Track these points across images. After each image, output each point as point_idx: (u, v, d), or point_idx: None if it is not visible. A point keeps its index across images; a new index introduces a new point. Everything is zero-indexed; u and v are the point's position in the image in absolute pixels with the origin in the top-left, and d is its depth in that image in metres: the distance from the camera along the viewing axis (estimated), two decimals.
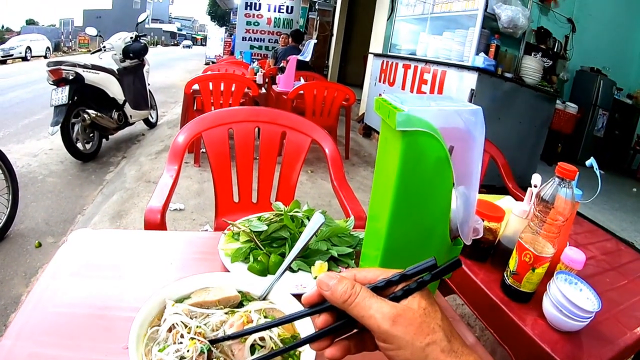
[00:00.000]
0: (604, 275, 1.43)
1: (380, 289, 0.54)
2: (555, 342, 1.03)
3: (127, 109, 5.74)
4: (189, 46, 63.79)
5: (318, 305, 0.56)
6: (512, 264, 1.16)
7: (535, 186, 1.25)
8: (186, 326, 0.67)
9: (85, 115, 4.92)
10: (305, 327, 0.70)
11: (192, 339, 0.64)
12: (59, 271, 0.97)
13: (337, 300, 0.52)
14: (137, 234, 1.23)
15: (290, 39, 7.97)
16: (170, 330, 0.67)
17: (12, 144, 5.82)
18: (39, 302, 0.86)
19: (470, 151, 0.75)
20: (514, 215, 1.27)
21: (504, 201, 1.46)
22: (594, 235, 1.77)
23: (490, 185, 2.76)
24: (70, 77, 4.74)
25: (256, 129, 1.94)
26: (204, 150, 4.89)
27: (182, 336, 0.65)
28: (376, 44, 7.36)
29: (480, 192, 1.92)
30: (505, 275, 1.20)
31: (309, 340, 0.56)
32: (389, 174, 0.71)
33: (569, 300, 1.03)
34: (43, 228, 3.62)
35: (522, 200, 1.32)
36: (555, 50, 5.70)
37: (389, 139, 0.71)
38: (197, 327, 0.67)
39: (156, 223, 1.42)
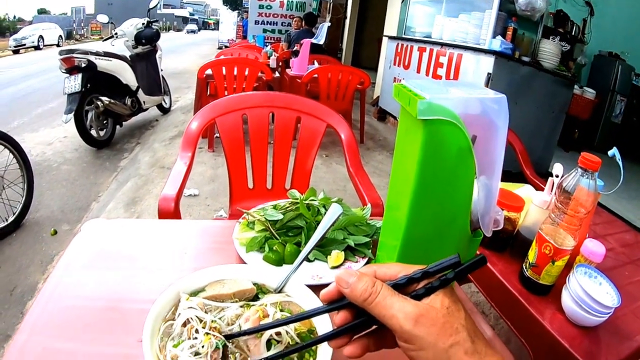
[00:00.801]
0: (623, 269, 1.40)
1: (402, 286, 0.52)
2: (573, 337, 1.02)
3: (141, 95, 5.79)
4: (193, 31, 57.14)
5: (336, 302, 0.55)
6: (532, 255, 1.14)
7: (557, 176, 1.22)
8: (201, 321, 0.66)
9: (99, 103, 4.96)
10: (323, 322, 0.69)
11: (207, 334, 0.63)
12: (72, 263, 0.97)
13: (356, 299, 0.51)
14: (150, 223, 1.23)
15: (303, 22, 7.90)
16: (184, 325, 0.66)
17: (26, 133, 5.89)
18: (52, 296, 0.85)
19: (492, 140, 0.73)
20: (534, 206, 1.24)
21: (523, 190, 1.44)
22: (613, 226, 1.74)
23: (507, 170, 2.71)
24: (83, 65, 4.79)
25: (270, 114, 1.92)
26: (217, 135, 4.91)
27: (196, 331, 0.64)
28: (390, 27, 7.26)
29: None
30: (524, 267, 1.18)
31: (327, 338, 0.55)
32: (409, 164, 0.69)
33: (589, 295, 1.01)
34: (58, 216, 3.67)
35: (540, 187, 1.30)
36: (573, 34, 5.59)
37: (409, 127, 0.69)
38: (212, 321, 0.65)
39: (170, 211, 1.42)
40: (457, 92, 0.72)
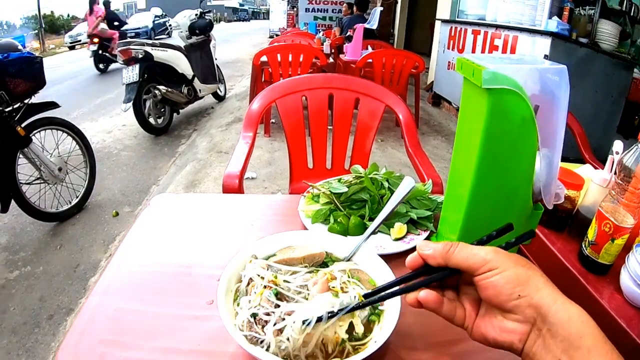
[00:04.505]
0: None
1: None
2: (630, 318, 0.99)
3: (196, 83, 5.92)
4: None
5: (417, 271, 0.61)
6: (591, 233, 1.12)
7: (617, 153, 1.20)
8: (263, 278, 0.70)
9: (156, 91, 5.13)
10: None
11: (265, 286, 0.67)
12: (142, 233, 1.03)
13: (440, 253, 0.56)
14: (216, 197, 1.27)
15: (355, 8, 7.84)
16: (248, 284, 0.71)
17: (86, 122, 6.13)
18: (124, 261, 0.91)
19: (554, 113, 0.74)
20: (594, 184, 1.22)
21: (582, 169, 1.41)
22: None
23: (565, 157, 2.61)
24: (140, 56, 4.96)
25: (329, 96, 1.94)
26: (273, 120, 4.99)
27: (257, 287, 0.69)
28: (443, 10, 7.10)
29: None
30: (583, 245, 1.16)
31: (406, 290, 0.60)
32: (474, 135, 0.71)
33: None
34: (120, 198, 3.84)
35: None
36: (632, 14, 5.31)
37: (473, 98, 0.71)
38: (273, 275, 0.69)
39: (234, 188, 1.47)
40: (518, 64, 0.73)
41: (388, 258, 0.76)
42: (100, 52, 9.98)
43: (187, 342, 0.70)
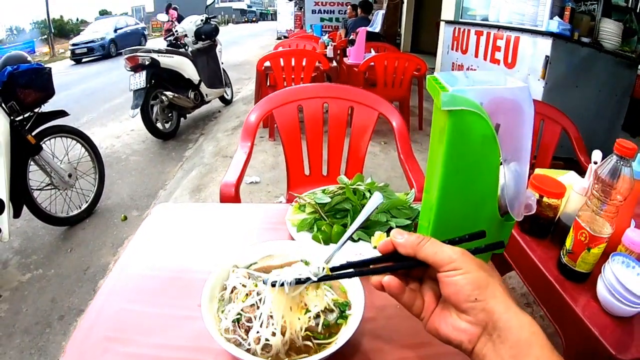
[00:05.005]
0: None
1: None
2: (605, 326, 0.99)
3: (203, 88, 6.00)
4: None
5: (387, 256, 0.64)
6: (569, 242, 1.12)
7: (596, 163, 1.21)
8: (245, 287, 0.76)
9: (164, 97, 5.21)
10: (357, 295, 0.77)
11: (246, 295, 0.74)
12: (143, 240, 1.11)
13: (411, 244, 0.59)
14: (213, 206, 1.35)
15: (358, 10, 7.87)
16: (232, 292, 0.78)
17: (96, 127, 6.27)
18: (126, 267, 1.00)
19: (519, 127, 0.77)
20: (574, 192, 1.22)
21: (566, 177, 1.42)
22: None
23: (568, 157, 2.58)
24: (147, 63, 5.04)
25: (324, 104, 2.00)
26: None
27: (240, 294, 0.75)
28: (448, 11, 7.05)
29: (555, 165, 1.82)
30: (561, 253, 1.16)
31: (373, 272, 0.64)
32: (439, 150, 0.75)
33: (622, 284, 0.98)
34: (128, 203, 3.93)
35: None
36: (637, 11, 5.27)
37: (439, 117, 0.75)
38: (254, 284, 0.75)
39: (231, 196, 1.54)
40: (483, 85, 0.77)
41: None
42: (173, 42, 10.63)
43: (179, 339, 0.78)
